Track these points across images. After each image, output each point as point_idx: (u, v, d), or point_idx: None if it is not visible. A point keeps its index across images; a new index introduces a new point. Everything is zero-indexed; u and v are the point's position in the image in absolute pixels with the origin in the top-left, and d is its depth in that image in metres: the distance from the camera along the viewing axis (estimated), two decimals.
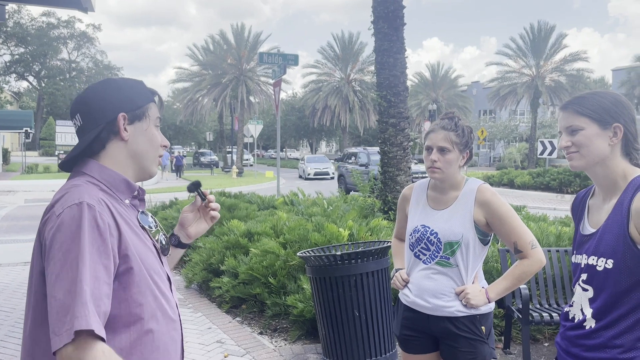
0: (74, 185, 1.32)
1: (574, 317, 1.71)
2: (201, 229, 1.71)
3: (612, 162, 1.63)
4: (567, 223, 6.90)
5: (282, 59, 10.70)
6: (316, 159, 34.70)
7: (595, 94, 1.67)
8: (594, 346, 1.61)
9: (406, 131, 7.10)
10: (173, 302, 1.45)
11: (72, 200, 1.25)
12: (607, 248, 1.58)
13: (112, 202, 1.34)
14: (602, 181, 1.67)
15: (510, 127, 46.76)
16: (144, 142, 1.43)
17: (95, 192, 1.30)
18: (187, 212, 1.70)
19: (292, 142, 66.21)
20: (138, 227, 1.40)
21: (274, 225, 5.97)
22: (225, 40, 42.74)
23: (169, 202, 9.66)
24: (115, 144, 1.40)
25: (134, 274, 1.29)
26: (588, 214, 1.75)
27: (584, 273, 1.68)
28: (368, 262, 3.70)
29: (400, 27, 7.07)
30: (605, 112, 1.62)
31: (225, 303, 5.52)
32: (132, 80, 1.48)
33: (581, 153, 1.64)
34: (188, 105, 43.32)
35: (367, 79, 46.62)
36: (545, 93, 39.50)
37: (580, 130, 1.63)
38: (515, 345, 4.49)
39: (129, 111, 1.40)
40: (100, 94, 1.40)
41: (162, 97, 1.55)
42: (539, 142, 21.25)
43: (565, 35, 41.31)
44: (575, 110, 1.65)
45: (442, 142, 2.30)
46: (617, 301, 1.57)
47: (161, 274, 1.41)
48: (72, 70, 61.66)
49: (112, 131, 1.39)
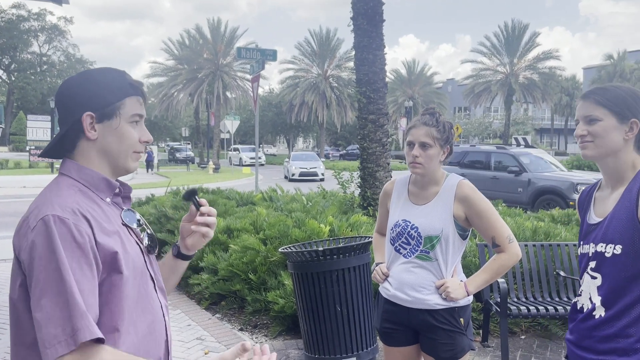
0: (49, 194, 1.29)
1: (583, 307, 1.71)
2: (197, 242, 1.56)
3: (624, 155, 1.65)
4: (541, 218, 7.05)
5: (261, 54, 10.64)
6: (303, 157, 29.79)
7: (618, 87, 1.68)
8: (607, 337, 1.61)
9: (385, 127, 7.14)
10: (157, 303, 1.41)
11: (43, 212, 1.22)
12: (615, 234, 1.59)
13: (90, 204, 1.31)
14: (611, 172, 1.68)
15: (485, 124, 47.50)
16: (114, 140, 1.37)
17: (71, 199, 1.27)
18: (185, 222, 1.57)
19: (269, 138, 65.98)
20: (120, 226, 1.37)
21: (254, 222, 5.94)
22: (202, 35, 42.33)
23: (145, 199, 9.53)
24: (85, 143, 1.36)
25: (116, 278, 1.27)
26: (594, 205, 1.76)
27: (592, 261, 1.68)
28: (350, 257, 3.72)
29: (380, 23, 7.10)
30: (625, 106, 1.63)
31: (204, 300, 5.48)
32: (112, 72, 1.40)
33: (596, 143, 1.65)
34: (163, 100, 42.80)
35: (344, 75, 46.76)
36: (518, 90, 40.22)
37: (599, 121, 1.64)
38: (493, 339, 4.57)
39: (97, 109, 1.34)
40: (71, 90, 1.37)
41: (144, 91, 1.46)
42: (512, 139, 21.59)
43: (538, 34, 42.13)
44: (596, 100, 1.66)
45: (424, 137, 2.32)
46: (626, 287, 1.57)
47: (145, 275, 1.38)
48: (43, 63, 60.29)
49: (80, 129, 1.35)
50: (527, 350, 4.39)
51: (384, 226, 2.64)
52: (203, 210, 1.52)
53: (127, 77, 1.41)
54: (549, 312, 4.19)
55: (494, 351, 4.35)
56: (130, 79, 1.42)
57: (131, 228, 1.41)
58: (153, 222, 7.37)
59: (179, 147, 48.76)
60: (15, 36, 54.40)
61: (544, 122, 60.58)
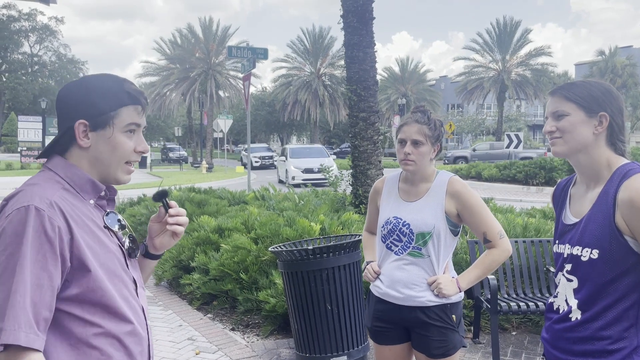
0: (31, 184, 1.29)
1: (559, 308, 1.69)
2: (166, 242, 1.56)
3: (596, 151, 1.61)
4: (532, 214, 7.07)
5: (252, 52, 10.61)
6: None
7: (586, 82, 1.65)
8: (581, 339, 1.60)
9: (376, 125, 7.14)
10: (138, 307, 1.40)
11: (21, 202, 1.22)
12: (592, 238, 1.57)
13: (72, 202, 1.30)
14: (585, 170, 1.65)
15: (478, 121, 47.62)
16: (106, 150, 1.36)
17: (51, 192, 1.26)
18: (153, 222, 1.57)
19: (262, 137, 65.87)
20: (102, 228, 1.36)
21: (245, 221, 5.93)
22: (193, 34, 42.21)
23: (136, 199, 9.50)
24: (77, 150, 1.36)
25: (90, 278, 1.26)
26: (570, 202, 1.73)
27: (567, 263, 1.66)
28: (340, 255, 3.71)
29: (370, 21, 7.09)
30: (593, 100, 1.60)
31: (196, 300, 5.46)
32: (111, 80, 1.39)
33: (564, 139, 1.62)
34: (156, 100, 42.63)
35: (337, 73, 46.69)
36: (511, 87, 40.36)
37: (566, 115, 1.62)
38: (484, 335, 4.58)
39: (91, 118, 1.33)
40: (68, 96, 1.36)
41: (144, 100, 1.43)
42: (505, 136, 21.67)
43: (530, 31, 42.29)
44: (563, 95, 1.64)
45: (416, 135, 2.33)
46: (602, 291, 1.55)
47: (124, 278, 1.37)
48: (35, 64, 59.90)
49: (72, 136, 1.34)
50: (518, 346, 4.41)
51: (373, 224, 2.63)
52: (172, 212, 1.52)
53: (125, 86, 1.39)
54: (540, 309, 4.20)
55: (485, 347, 4.36)
56: (130, 87, 1.39)
57: (113, 231, 1.40)
58: (144, 223, 7.34)
59: (172, 147, 48.60)
60: (6, 37, 53.99)
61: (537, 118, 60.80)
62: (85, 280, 1.26)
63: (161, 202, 1.53)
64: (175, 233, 1.53)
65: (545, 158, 20.19)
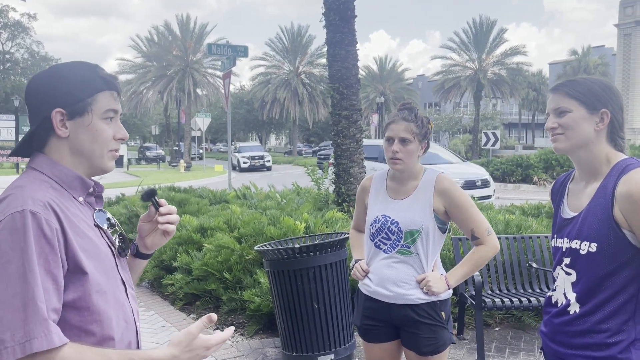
0: (19, 187, 1.22)
1: (557, 301, 1.71)
2: (157, 241, 1.53)
3: (596, 147, 1.63)
4: (512, 211, 7.16)
5: (232, 50, 10.52)
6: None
7: (587, 79, 1.67)
8: (580, 332, 1.62)
9: (359, 123, 7.14)
10: (127, 307, 1.36)
11: (14, 207, 1.16)
12: (590, 231, 1.59)
13: (63, 201, 1.25)
14: (584, 166, 1.67)
15: (455, 119, 48.04)
16: (87, 138, 1.30)
17: (42, 193, 1.21)
18: (143, 222, 1.53)
19: (241, 136, 65.50)
20: (92, 227, 1.32)
21: (228, 220, 5.87)
22: (170, 32, 41.74)
23: (115, 198, 9.34)
24: (56, 141, 1.30)
25: (86, 281, 1.22)
26: (568, 197, 1.75)
27: (566, 257, 1.68)
28: (326, 254, 3.70)
29: (351, 19, 7.08)
30: (594, 96, 1.62)
31: (178, 300, 5.40)
32: (83, 66, 1.33)
33: (566, 135, 1.64)
34: (132, 98, 42.06)
35: (316, 72, 46.68)
36: (487, 86, 40.81)
37: (568, 112, 1.63)
38: (469, 331, 4.62)
39: (67, 106, 1.28)
40: (39, 86, 1.30)
41: (118, 85, 1.39)
42: (482, 134, 21.92)
43: (505, 30, 42.82)
44: (565, 92, 1.65)
45: (404, 133, 2.33)
46: (601, 285, 1.58)
47: (115, 278, 1.33)
48: (7, 61, 58.37)
49: (50, 127, 1.28)
50: (501, 341, 4.46)
51: (361, 222, 2.63)
52: (162, 210, 1.49)
53: (99, 71, 1.35)
54: (523, 304, 4.26)
55: (469, 343, 4.40)
56: (103, 72, 1.35)
57: (103, 229, 1.36)
58: (124, 222, 7.22)
59: (149, 146, 47.98)
60: None
61: (512, 117, 61.69)
62: (81, 284, 1.21)
63: (150, 202, 1.49)
64: (166, 231, 1.50)
65: (522, 155, 20.50)
